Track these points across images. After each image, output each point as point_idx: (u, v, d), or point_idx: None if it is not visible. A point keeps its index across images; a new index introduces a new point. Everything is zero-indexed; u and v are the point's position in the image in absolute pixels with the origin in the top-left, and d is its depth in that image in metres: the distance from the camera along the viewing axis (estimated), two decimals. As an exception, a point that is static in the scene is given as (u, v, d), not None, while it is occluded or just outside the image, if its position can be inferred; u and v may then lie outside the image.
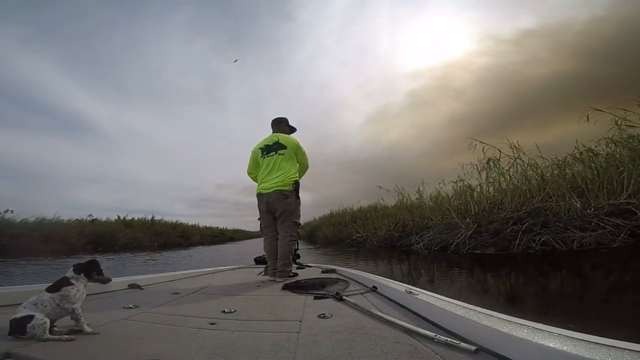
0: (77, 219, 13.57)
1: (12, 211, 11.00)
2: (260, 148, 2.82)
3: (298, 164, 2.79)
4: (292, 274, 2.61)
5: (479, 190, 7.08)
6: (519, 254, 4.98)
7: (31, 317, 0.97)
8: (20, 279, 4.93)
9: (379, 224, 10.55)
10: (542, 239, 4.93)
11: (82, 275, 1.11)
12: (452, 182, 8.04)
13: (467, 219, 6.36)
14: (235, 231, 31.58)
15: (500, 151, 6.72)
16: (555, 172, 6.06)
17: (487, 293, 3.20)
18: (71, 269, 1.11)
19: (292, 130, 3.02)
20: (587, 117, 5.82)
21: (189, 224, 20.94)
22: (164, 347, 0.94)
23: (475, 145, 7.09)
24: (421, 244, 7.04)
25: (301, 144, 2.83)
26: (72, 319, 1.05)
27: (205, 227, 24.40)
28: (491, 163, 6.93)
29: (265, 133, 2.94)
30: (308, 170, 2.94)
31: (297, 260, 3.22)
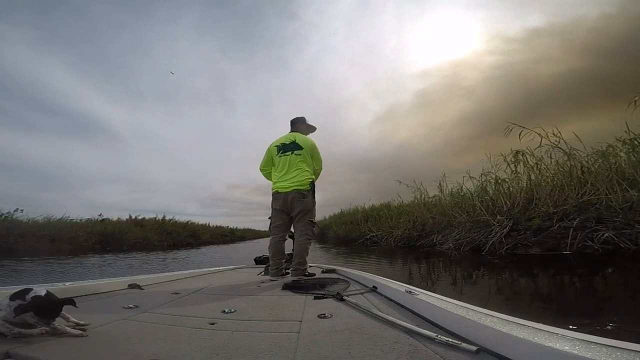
0: (88, 219, 13.58)
1: (21, 210, 10.98)
2: (277, 146, 2.80)
3: (313, 165, 2.79)
4: (307, 274, 2.60)
5: (507, 185, 6.48)
6: (574, 254, 4.34)
7: None
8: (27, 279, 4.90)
9: (394, 222, 10.13)
10: (605, 235, 4.20)
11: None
12: (473, 177, 7.53)
13: (499, 216, 5.80)
14: (245, 230, 31.46)
15: (541, 136, 5.95)
16: (599, 162, 5.40)
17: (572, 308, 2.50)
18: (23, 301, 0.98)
19: (311, 129, 3.02)
20: (635, 102, 5.17)
21: (199, 223, 20.99)
22: (164, 347, 0.94)
23: (512, 129, 6.24)
24: (450, 244, 6.42)
25: (317, 146, 2.83)
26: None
27: (216, 226, 24.42)
28: (519, 155, 6.32)
29: (275, 132, 2.97)
30: (321, 172, 2.94)
31: None
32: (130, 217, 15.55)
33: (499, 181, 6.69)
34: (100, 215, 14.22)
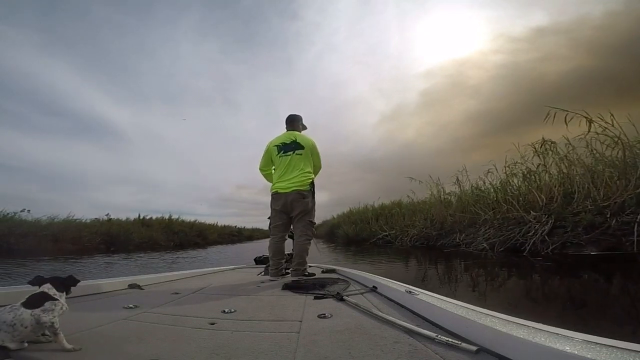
0: (95, 218, 13.44)
1: (28, 210, 10.84)
2: (277, 146, 2.76)
3: (313, 164, 2.78)
4: (307, 274, 2.60)
5: (536, 178, 5.95)
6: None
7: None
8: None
9: (407, 221, 9.59)
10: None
11: (64, 292, 1.03)
12: (491, 172, 7.03)
13: (532, 212, 5.26)
14: (253, 230, 31.08)
15: (589, 120, 5.19)
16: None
17: None
18: (47, 284, 1.00)
19: (305, 128, 3.01)
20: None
21: (207, 223, 20.71)
22: (164, 347, 0.94)
23: (556, 114, 5.51)
24: (484, 244, 5.78)
25: (316, 144, 2.82)
26: (50, 333, 0.93)
27: (223, 226, 24.18)
28: (547, 145, 5.83)
29: (280, 132, 2.90)
30: (320, 170, 2.92)
31: None
32: (139, 216, 15.45)
33: (528, 174, 6.19)
34: (107, 215, 14.04)
